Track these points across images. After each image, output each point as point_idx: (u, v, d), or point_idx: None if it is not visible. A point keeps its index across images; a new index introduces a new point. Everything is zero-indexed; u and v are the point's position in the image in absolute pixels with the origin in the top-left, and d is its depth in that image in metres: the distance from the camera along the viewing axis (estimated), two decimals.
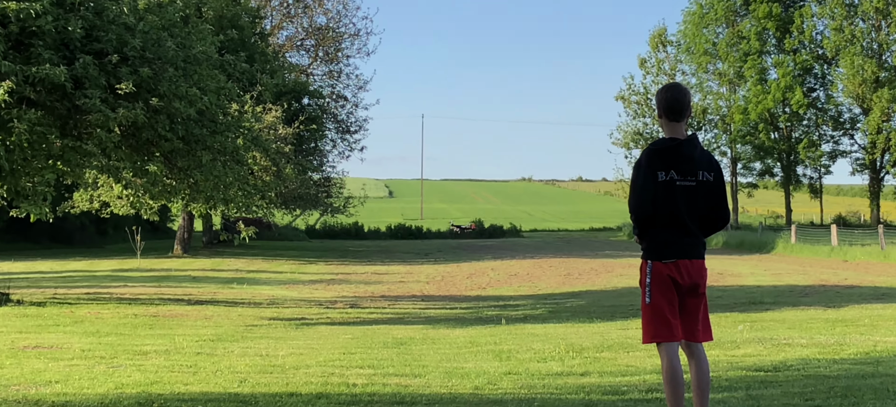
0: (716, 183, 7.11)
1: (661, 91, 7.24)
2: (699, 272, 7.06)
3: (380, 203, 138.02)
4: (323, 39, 63.54)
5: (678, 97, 7.12)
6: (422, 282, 31.05)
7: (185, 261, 39.68)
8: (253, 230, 36.91)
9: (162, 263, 37.06)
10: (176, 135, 19.58)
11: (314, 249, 53.19)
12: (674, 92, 7.16)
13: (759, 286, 26.25)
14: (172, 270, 33.54)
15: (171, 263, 38.11)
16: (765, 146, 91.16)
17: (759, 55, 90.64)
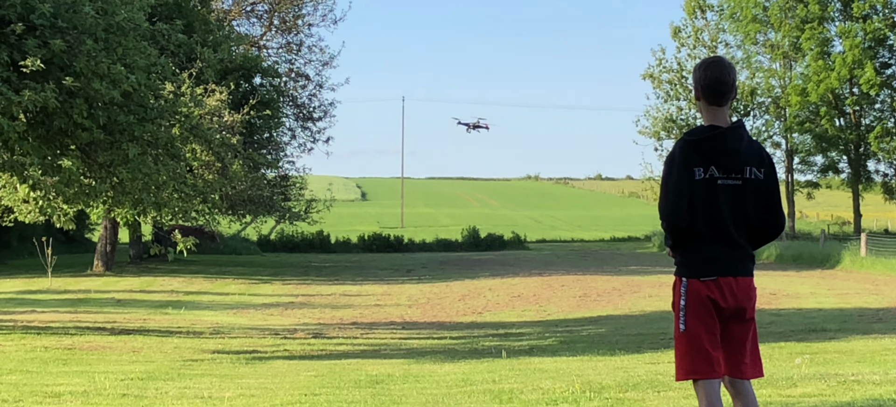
0: (767, 182, 7.07)
1: (700, 68, 7.21)
2: (746, 293, 7.02)
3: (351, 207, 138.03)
4: (279, 3, 63.40)
5: (720, 76, 7.08)
6: (403, 305, 31.08)
7: (107, 280, 39.63)
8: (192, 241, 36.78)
9: (79, 283, 37.01)
10: (96, 123, 19.55)
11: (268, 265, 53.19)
12: (715, 69, 7.13)
13: (820, 309, 26.31)
14: (92, 292, 33.50)
15: (91, 282, 38.05)
16: (828, 136, 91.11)
17: (820, 23, 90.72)
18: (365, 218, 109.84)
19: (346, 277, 44.49)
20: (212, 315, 27.33)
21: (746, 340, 7.05)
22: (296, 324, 25.24)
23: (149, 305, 29.89)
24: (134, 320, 24.95)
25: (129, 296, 32.89)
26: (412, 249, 73.64)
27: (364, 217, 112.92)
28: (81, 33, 19.27)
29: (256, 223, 63.93)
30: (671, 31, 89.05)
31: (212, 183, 36.16)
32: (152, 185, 22.56)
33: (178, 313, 27.34)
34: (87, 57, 19.05)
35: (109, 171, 21.52)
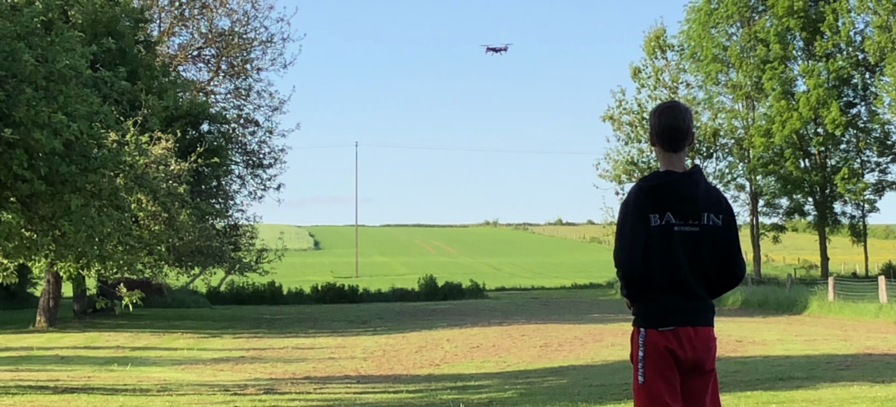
0: (726, 229, 7.08)
1: (654, 113, 7.23)
2: (706, 344, 7.02)
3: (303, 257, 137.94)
4: (227, 48, 63.41)
5: (674, 122, 7.11)
6: (357, 358, 31.02)
7: (50, 336, 39.39)
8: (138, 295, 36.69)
9: (20, 340, 36.79)
10: (36, 174, 19.48)
11: (218, 319, 53.00)
12: (669, 116, 7.14)
13: (788, 357, 26.40)
14: (34, 349, 33.29)
15: (33, 339, 37.83)
16: (793, 177, 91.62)
17: (782, 62, 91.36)
18: (318, 268, 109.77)
19: (299, 329, 44.37)
20: (159, 371, 27.18)
21: (706, 393, 7.05)
22: (247, 379, 25.13)
23: (94, 361, 29.71)
24: (78, 378, 24.77)
25: (74, 352, 32.68)
26: (367, 299, 73.60)
27: (317, 267, 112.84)
28: (21, 81, 19.22)
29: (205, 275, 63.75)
30: (631, 72, 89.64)
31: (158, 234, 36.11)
32: (96, 238, 22.49)
33: (125, 370, 27.18)
34: (27, 106, 19.00)
35: (51, 224, 21.44)
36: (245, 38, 63.84)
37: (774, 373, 21.91)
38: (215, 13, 62.84)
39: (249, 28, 63.91)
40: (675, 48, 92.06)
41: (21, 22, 20.52)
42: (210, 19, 63.04)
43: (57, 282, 45.79)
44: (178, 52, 62.14)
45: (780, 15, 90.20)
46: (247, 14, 63.52)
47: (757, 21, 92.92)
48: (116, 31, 44.28)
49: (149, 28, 54.97)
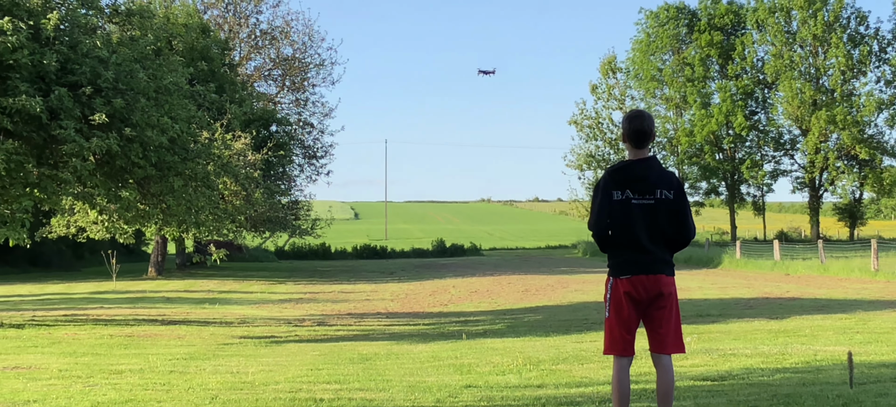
0: (677, 201, 7.10)
1: (626, 120, 7.27)
2: (657, 286, 7.05)
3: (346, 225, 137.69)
4: (290, 69, 63.36)
5: (641, 126, 7.17)
6: (386, 300, 30.97)
7: (159, 282, 39.39)
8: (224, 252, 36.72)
9: (137, 285, 36.79)
10: (148, 162, 19.48)
11: (283, 270, 52.95)
12: (637, 121, 7.20)
13: (706, 299, 26.35)
14: (147, 292, 33.29)
15: (146, 285, 37.82)
16: (710, 167, 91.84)
17: (703, 81, 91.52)
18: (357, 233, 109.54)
19: (343, 278, 44.33)
20: (239, 308, 27.18)
21: (665, 323, 7.10)
22: (304, 315, 25.11)
23: (191, 301, 29.70)
24: (179, 313, 24.79)
25: (176, 294, 32.68)
26: (394, 256, 73.49)
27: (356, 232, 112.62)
28: (137, 93, 19.20)
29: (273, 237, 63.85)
30: (590, 88, 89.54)
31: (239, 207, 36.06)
32: (193, 210, 22.46)
33: (214, 308, 27.17)
34: (142, 112, 18.99)
35: (159, 200, 21.42)
36: (303, 62, 63.71)
37: (695, 311, 21.88)
38: (281, 44, 62.72)
39: (307, 54, 63.80)
40: (622, 70, 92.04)
41: (137, 49, 20.48)
42: (277, 48, 62.93)
43: (163, 242, 45.81)
44: (253, 72, 62.01)
45: (702, 45, 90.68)
46: (305, 44, 63.44)
47: (684, 50, 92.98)
48: (208, 57, 44.23)
49: (232, 54, 54.92)
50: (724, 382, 10.42)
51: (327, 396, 9.82)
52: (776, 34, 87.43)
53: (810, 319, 19.32)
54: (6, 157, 17.39)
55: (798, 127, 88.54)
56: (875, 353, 12.81)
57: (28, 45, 17.39)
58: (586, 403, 9.09)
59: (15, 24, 17.26)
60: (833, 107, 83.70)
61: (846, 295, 26.98)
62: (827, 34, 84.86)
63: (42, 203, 21.62)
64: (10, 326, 19.91)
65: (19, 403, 9.68)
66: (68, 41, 18.83)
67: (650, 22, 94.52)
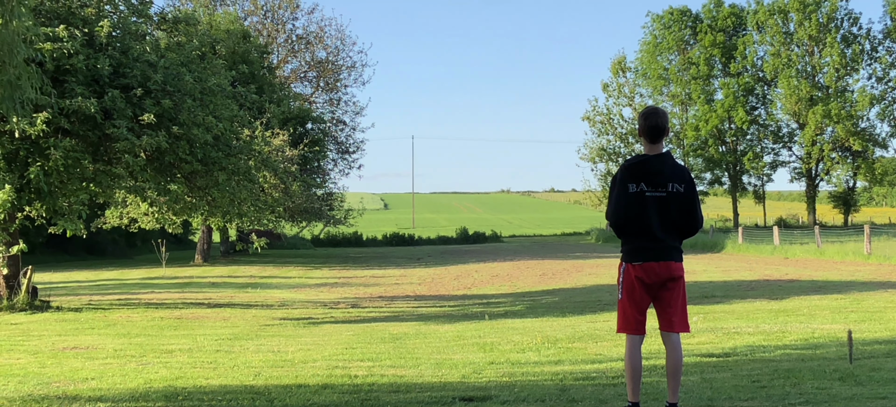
0: (687, 193, 7.10)
1: (642, 116, 7.30)
2: (667, 271, 7.07)
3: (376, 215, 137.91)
4: (324, 71, 63.46)
5: (657, 122, 7.21)
6: (414, 283, 30.99)
7: (205, 269, 39.54)
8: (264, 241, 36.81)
9: (185, 271, 36.94)
10: (195, 158, 19.55)
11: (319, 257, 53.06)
12: (653, 118, 7.23)
13: (710, 282, 26.26)
14: (194, 278, 33.43)
15: (193, 271, 37.97)
16: (714, 159, 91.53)
17: (707, 79, 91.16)
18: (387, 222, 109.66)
19: (374, 264, 44.38)
20: (279, 292, 27.25)
21: (673, 303, 7.11)
22: (339, 298, 25.16)
23: (234, 286, 29.81)
24: (224, 297, 24.88)
25: (221, 279, 32.80)
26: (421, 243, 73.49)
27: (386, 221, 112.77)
28: (184, 95, 19.27)
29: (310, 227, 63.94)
30: (601, 86, 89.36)
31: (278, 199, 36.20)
32: (236, 201, 22.55)
33: (256, 292, 27.27)
34: (188, 111, 19.07)
35: (205, 192, 21.50)
36: (336, 64, 63.78)
37: (700, 292, 21.80)
38: (316, 48, 62.83)
39: (339, 57, 63.88)
40: (631, 69, 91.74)
41: (184, 54, 20.56)
42: (312, 52, 63.05)
43: (209, 231, 45.99)
44: (290, 74, 62.13)
45: (706, 46, 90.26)
46: (337, 48, 63.52)
47: (689, 50, 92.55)
48: (248, 60, 44.34)
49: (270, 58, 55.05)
50: (728, 358, 10.40)
51: (361, 373, 9.85)
52: (775, 35, 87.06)
53: (808, 299, 19.23)
54: (64, 155, 17.52)
55: (796, 121, 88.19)
56: (868, 331, 12.75)
57: (83, 50, 17.50)
58: (601, 379, 9.08)
59: (71, 32, 17.37)
60: (828, 102, 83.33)
61: (841, 277, 26.84)
62: (822, 34, 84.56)
63: (97, 196, 21.76)
64: (69, 310, 20.03)
65: (79, 380, 9.74)
66: (120, 47, 18.92)
67: (656, 24, 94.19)
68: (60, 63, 17.28)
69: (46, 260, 41.33)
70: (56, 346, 13.27)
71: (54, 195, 18.82)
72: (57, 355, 12.14)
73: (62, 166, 17.81)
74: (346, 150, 62.24)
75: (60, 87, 17.59)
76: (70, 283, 30.99)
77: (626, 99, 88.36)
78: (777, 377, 8.76)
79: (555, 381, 9.06)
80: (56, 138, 17.52)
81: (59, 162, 17.46)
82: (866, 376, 8.66)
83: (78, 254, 47.45)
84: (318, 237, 72.49)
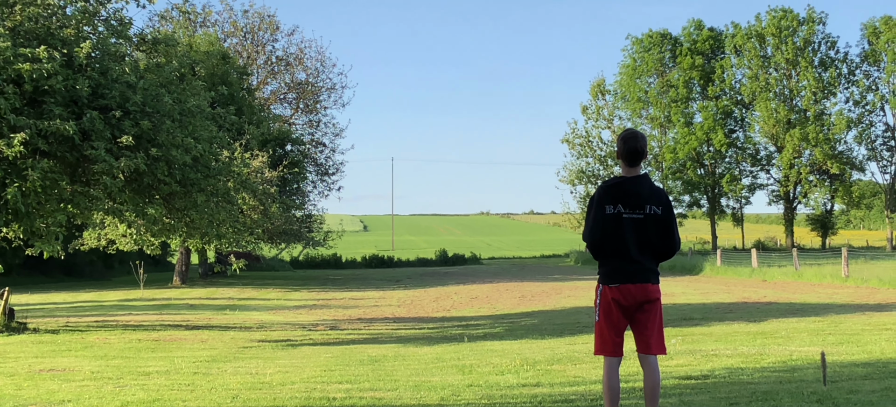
0: (664, 215, 7.12)
1: (621, 140, 7.32)
2: (643, 293, 7.08)
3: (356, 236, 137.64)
4: (303, 93, 63.49)
5: (635, 146, 7.23)
6: (393, 305, 30.96)
7: (183, 291, 39.39)
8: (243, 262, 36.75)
9: (162, 293, 36.78)
10: (173, 179, 19.49)
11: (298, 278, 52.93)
12: (632, 142, 7.25)
13: (689, 304, 26.33)
14: (172, 299, 33.29)
15: (171, 292, 37.81)
16: (692, 181, 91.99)
17: (685, 102, 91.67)
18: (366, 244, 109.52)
19: (353, 286, 44.32)
20: (257, 314, 27.18)
21: (649, 326, 7.13)
22: (318, 320, 25.11)
23: (212, 308, 29.70)
24: (202, 319, 24.79)
25: (199, 301, 32.68)
26: (400, 265, 73.46)
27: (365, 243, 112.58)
28: (163, 116, 19.23)
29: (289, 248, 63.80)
30: (581, 109, 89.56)
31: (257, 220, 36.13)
32: (214, 223, 22.48)
33: (234, 314, 27.18)
34: (167, 133, 19.02)
35: (184, 214, 21.44)
36: (316, 86, 63.85)
37: (679, 315, 21.85)
38: (296, 70, 62.90)
39: (319, 79, 63.98)
40: (611, 92, 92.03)
41: (163, 75, 20.52)
42: (292, 74, 63.12)
43: (187, 253, 45.84)
44: (270, 96, 62.14)
45: (685, 69, 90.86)
46: (317, 70, 63.64)
47: (668, 73, 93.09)
48: (228, 82, 44.29)
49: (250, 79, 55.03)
50: (706, 380, 10.42)
51: (340, 395, 9.83)
52: (752, 58, 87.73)
53: (786, 321, 19.30)
54: (42, 176, 17.43)
55: (773, 144, 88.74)
56: (846, 353, 12.81)
57: (62, 71, 17.44)
58: (580, 401, 9.09)
59: (50, 53, 17.31)
60: (806, 125, 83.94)
61: (819, 299, 26.95)
62: (798, 58, 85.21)
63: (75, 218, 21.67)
64: (46, 332, 19.92)
65: (55, 402, 9.69)
66: (99, 68, 18.87)
67: (636, 47, 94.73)
68: (39, 84, 17.22)
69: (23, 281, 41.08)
70: (32, 368, 13.19)
71: (32, 216, 18.71)
72: (33, 377, 12.07)
73: (40, 187, 17.72)
74: (326, 172, 62.23)
75: (39, 107, 17.52)
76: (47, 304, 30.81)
77: (606, 121, 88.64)
78: (755, 400, 8.79)
79: (534, 403, 9.07)
80: (34, 159, 17.42)
81: (37, 183, 17.37)
82: (844, 399, 8.70)
83: (55, 275, 47.19)
84: (297, 259, 72.33)
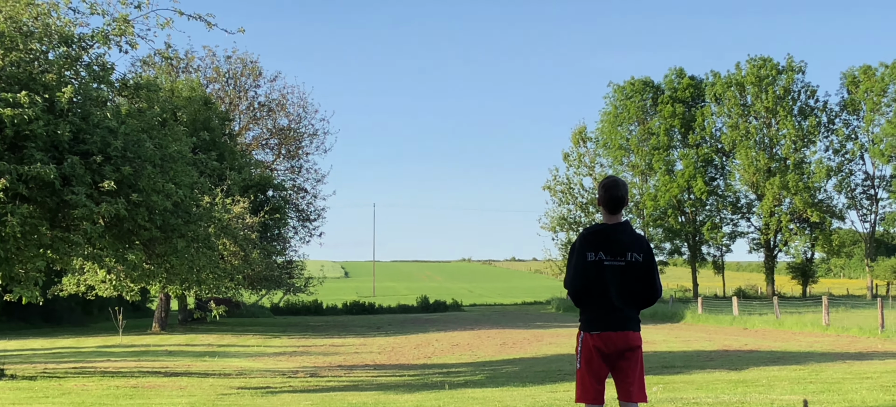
0: (645, 263, 7.15)
1: (603, 187, 7.35)
2: (624, 341, 7.09)
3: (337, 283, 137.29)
4: (285, 139, 63.54)
5: (616, 193, 7.25)
6: (374, 352, 30.85)
7: (162, 337, 39.15)
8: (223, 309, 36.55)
9: (142, 340, 36.56)
10: (154, 225, 19.44)
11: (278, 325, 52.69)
12: (613, 190, 7.27)
13: (670, 352, 26.34)
14: (151, 346, 33.09)
15: (150, 339, 37.59)
16: (673, 229, 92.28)
17: (666, 149, 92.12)
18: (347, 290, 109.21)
19: (334, 332, 44.15)
20: (237, 361, 27.03)
21: (630, 373, 7.14)
22: (298, 367, 24.99)
23: (192, 354, 29.53)
24: (181, 366, 24.64)
25: (178, 348, 32.50)
26: (381, 312, 73.22)
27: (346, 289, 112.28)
28: (144, 161, 19.20)
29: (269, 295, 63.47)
30: (562, 156, 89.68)
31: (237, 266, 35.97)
32: (195, 269, 22.41)
33: (213, 360, 27.02)
34: (148, 178, 18.98)
35: (164, 260, 21.36)
36: (298, 132, 63.93)
37: (660, 363, 21.85)
38: (278, 115, 63.00)
39: (301, 125, 64.07)
40: (592, 139, 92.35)
41: (145, 120, 20.51)
42: (274, 120, 63.19)
43: (167, 299, 45.60)
44: (251, 141, 62.19)
45: (666, 116, 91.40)
46: (299, 116, 63.75)
47: (649, 121, 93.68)
48: (210, 127, 44.29)
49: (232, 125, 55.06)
50: None
51: None
52: (732, 106, 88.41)
53: (767, 370, 19.32)
54: (22, 221, 17.35)
55: (754, 192, 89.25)
56: (828, 401, 12.83)
57: (43, 116, 17.42)
58: None
59: (32, 98, 17.29)
60: (786, 174, 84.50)
61: (800, 347, 27.01)
62: (778, 107, 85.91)
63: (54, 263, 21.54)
64: (23, 378, 19.76)
65: None
66: (81, 113, 18.85)
67: (618, 95, 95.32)
68: (20, 129, 17.18)
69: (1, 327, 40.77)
70: None
71: (11, 262, 18.62)
72: None
73: (19, 233, 17.64)
74: (307, 218, 62.08)
75: (19, 152, 17.48)
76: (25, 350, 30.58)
77: (587, 169, 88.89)
78: None
79: None
80: (13, 204, 17.36)
81: (16, 228, 17.28)
82: None
83: (34, 321, 46.83)
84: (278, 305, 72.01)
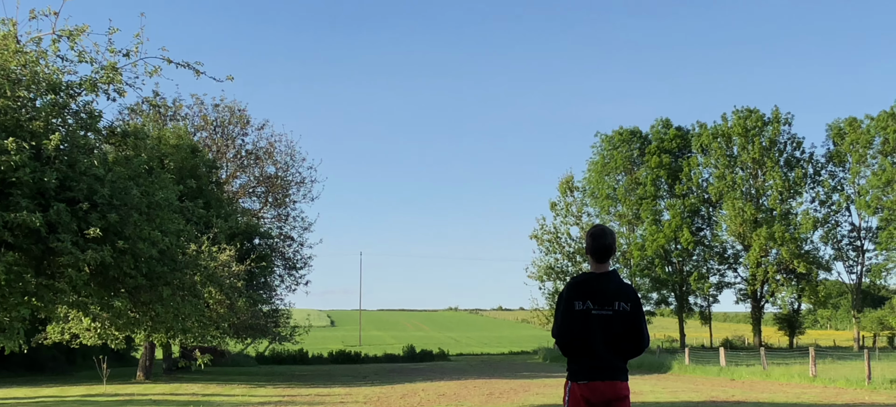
0: (633, 313, 7.16)
1: (590, 236, 7.37)
2: (612, 391, 7.09)
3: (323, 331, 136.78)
4: (272, 187, 63.54)
5: (603, 242, 7.29)
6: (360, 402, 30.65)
7: (146, 386, 38.86)
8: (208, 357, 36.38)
9: (126, 389, 36.27)
10: (140, 272, 19.38)
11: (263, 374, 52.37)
12: (601, 240, 7.31)
13: (657, 402, 26.26)
14: (135, 395, 32.82)
15: (134, 388, 37.30)
16: (660, 278, 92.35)
17: (653, 199, 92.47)
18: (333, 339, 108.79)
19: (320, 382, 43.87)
20: None
21: None
22: None
23: (176, 404, 29.29)
24: None
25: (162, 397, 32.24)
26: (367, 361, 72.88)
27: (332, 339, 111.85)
28: (130, 209, 19.18)
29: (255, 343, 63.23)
30: (549, 205, 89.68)
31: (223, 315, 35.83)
32: (180, 317, 22.33)
33: None
34: (134, 225, 18.96)
35: (149, 308, 21.28)
36: (285, 180, 63.96)
37: None
38: (265, 163, 63.04)
39: (288, 173, 64.10)
40: (579, 189, 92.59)
41: (132, 168, 20.52)
42: (261, 168, 63.23)
43: (151, 347, 45.34)
44: (238, 189, 62.15)
45: (653, 167, 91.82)
46: (287, 164, 63.81)
47: (636, 171, 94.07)
48: (196, 175, 44.29)
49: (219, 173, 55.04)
50: None
51: None
52: (719, 157, 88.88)
53: None
54: (6, 269, 17.28)
55: (740, 243, 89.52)
56: None
57: (30, 164, 17.40)
58: None
59: (18, 145, 17.28)
60: (772, 224, 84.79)
61: (787, 399, 26.98)
62: (764, 158, 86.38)
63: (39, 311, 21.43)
64: None
65: None
66: (67, 160, 18.84)
67: (605, 145, 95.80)
68: (6, 176, 17.15)
69: None
70: None
71: None
72: None
73: (4, 281, 17.56)
74: (294, 266, 61.93)
75: (5, 199, 17.44)
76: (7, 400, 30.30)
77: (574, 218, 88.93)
78: None
79: None
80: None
81: (1, 276, 17.21)
82: None
83: (16, 369, 46.46)
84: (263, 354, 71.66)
